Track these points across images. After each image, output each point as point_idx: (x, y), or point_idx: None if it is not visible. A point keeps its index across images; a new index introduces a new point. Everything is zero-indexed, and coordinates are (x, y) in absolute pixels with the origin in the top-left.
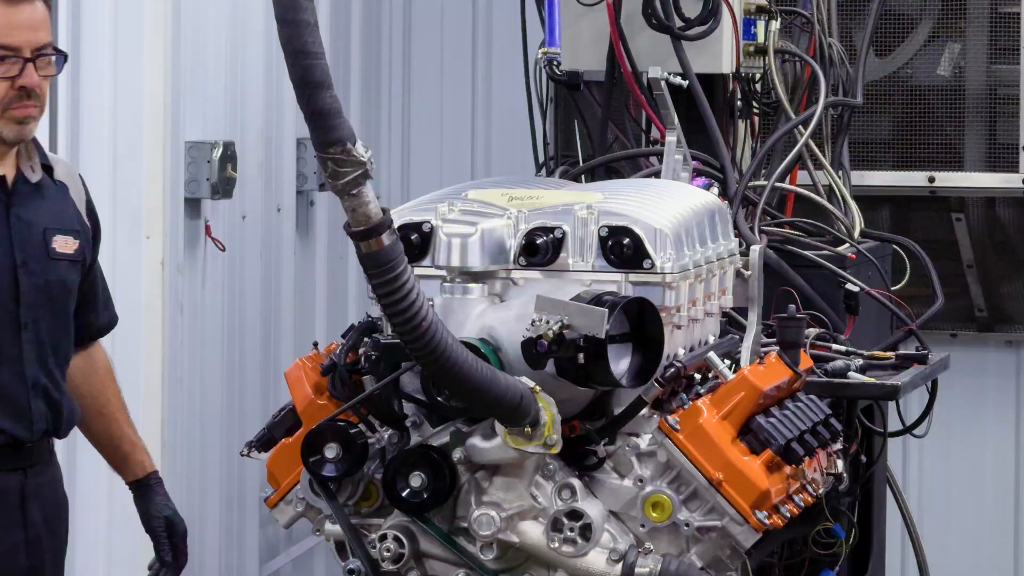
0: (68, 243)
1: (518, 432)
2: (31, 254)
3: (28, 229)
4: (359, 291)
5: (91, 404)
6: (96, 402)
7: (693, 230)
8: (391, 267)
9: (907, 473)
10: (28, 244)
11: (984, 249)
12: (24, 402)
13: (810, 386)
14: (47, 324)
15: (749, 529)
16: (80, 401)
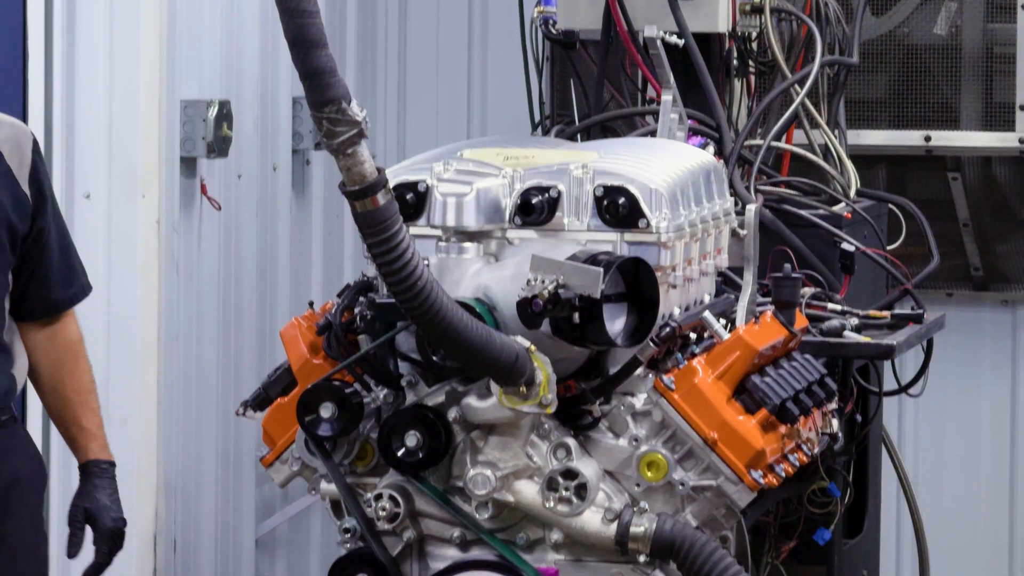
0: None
1: (513, 392)
2: None
3: None
4: (355, 250)
5: (47, 381)
6: (52, 379)
7: (689, 189)
8: (386, 226)
9: (902, 432)
10: None
11: (980, 208)
12: None
13: (805, 345)
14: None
15: (744, 488)
16: (38, 377)
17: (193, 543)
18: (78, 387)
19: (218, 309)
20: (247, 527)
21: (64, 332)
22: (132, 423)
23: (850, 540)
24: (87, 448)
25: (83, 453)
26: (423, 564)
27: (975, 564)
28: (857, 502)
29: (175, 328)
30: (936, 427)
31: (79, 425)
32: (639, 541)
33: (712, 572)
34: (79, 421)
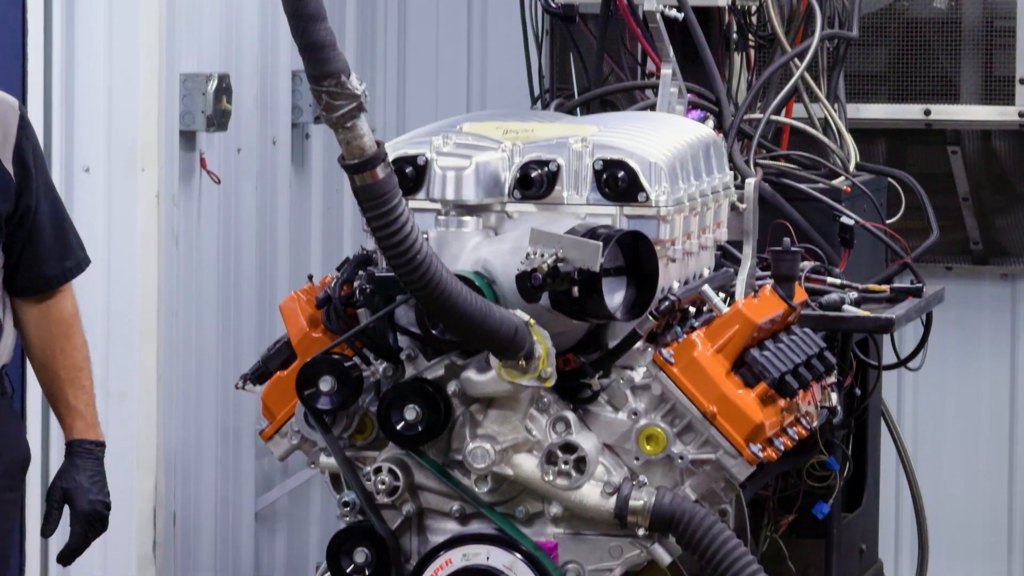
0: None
1: (512, 365)
2: None
3: None
4: (355, 224)
5: (38, 356)
6: (43, 355)
7: (688, 163)
8: (385, 200)
9: (902, 406)
10: None
11: (980, 182)
12: None
13: (804, 319)
14: None
15: (743, 462)
16: (30, 353)
17: (193, 517)
18: (68, 364)
19: (218, 283)
20: (246, 501)
21: (58, 308)
22: (131, 397)
23: (849, 514)
24: (73, 427)
25: (69, 431)
26: (422, 538)
27: (974, 537)
28: (856, 476)
29: (174, 302)
30: (935, 401)
31: (67, 403)
32: (638, 515)
33: (711, 545)
34: (67, 399)
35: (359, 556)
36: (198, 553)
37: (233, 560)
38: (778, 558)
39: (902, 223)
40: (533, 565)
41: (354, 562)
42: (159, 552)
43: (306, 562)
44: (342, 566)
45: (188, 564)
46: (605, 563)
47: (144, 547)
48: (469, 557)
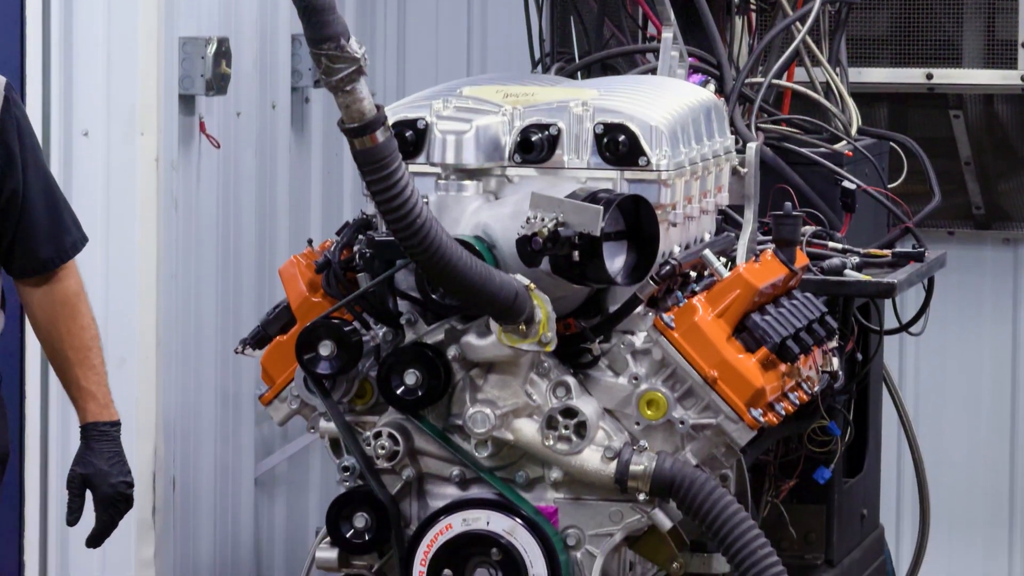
0: None
1: (513, 330)
2: None
3: None
4: (354, 189)
5: (45, 339)
6: (50, 337)
7: (689, 127)
8: (385, 164)
9: (903, 371)
10: None
11: (982, 146)
12: None
13: (806, 284)
14: None
15: (744, 427)
16: (39, 335)
17: (192, 482)
18: (76, 344)
19: (217, 247)
20: (246, 466)
21: (61, 289)
22: (131, 362)
23: (850, 479)
24: (86, 409)
25: (82, 414)
26: (422, 502)
27: (975, 503)
28: (857, 441)
29: (174, 266)
30: (937, 366)
31: (78, 385)
32: (638, 479)
33: (712, 510)
34: (78, 380)
35: (359, 521)
36: (197, 518)
37: (232, 525)
38: (779, 523)
39: (904, 187)
40: (533, 530)
41: (354, 527)
42: (158, 517)
43: (306, 527)
44: (342, 531)
45: (187, 529)
46: (605, 528)
47: (143, 512)
48: (469, 522)
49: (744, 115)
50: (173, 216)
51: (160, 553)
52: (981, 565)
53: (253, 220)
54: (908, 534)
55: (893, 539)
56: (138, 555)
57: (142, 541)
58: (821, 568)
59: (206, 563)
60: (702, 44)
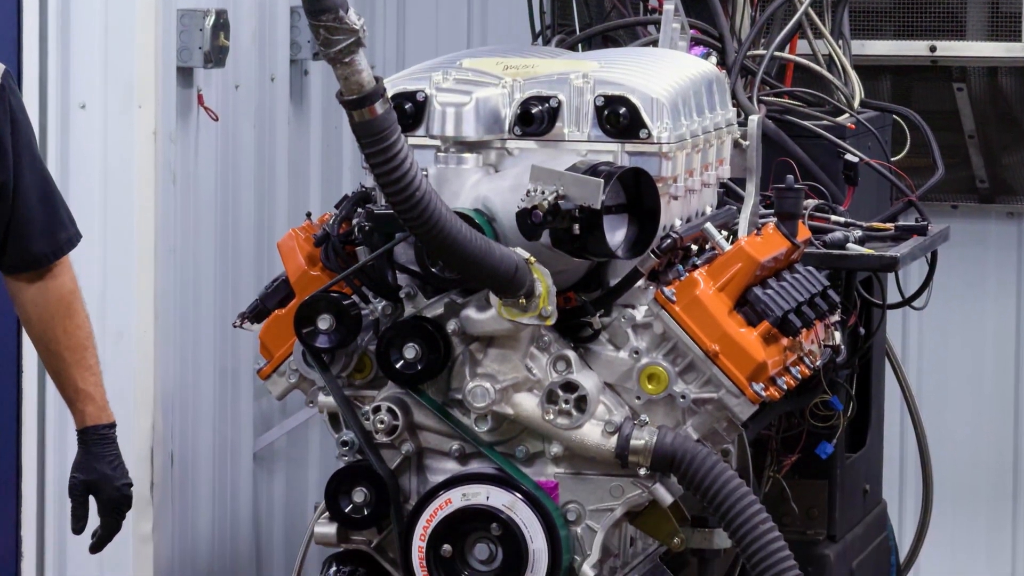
0: None
1: (513, 303)
2: None
3: None
4: (354, 162)
5: (39, 338)
6: (44, 336)
7: (690, 99)
8: (384, 136)
9: (906, 346)
10: None
11: (986, 119)
12: None
13: (808, 257)
14: None
15: (746, 401)
16: (32, 334)
17: (190, 457)
18: (72, 344)
19: (215, 221)
20: (245, 441)
21: (55, 285)
22: (128, 336)
23: (852, 454)
24: (84, 412)
25: (80, 417)
26: (421, 477)
27: (979, 478)
28: (860, 416)
29: (171, 240)
30: (940, 340)
31: (75, 387)
32: (639, 454)
33: (713, 485)
34: (75, 382)
35: (358, 496)
36: (196, 494)
37: (231, 501)
38: (781, 498)
39: (907, 161)
40: (533, 505)
41: (353, 502)
42: (156, 493)
43: (305, 503)
44: (340, 506)
45: (185, 505)
46: (606, 503)
47: (141, 487)
48: (469, 497)
49: (746, 87)
50: (171, 189)
51: (158, 528)
52: (984, 540)
53: (252, 193)
54: (911, 509)
55: (896, 515)
56: (136, 531)
57: (140, 517)
58: (823, 544)
59: (204, 539)
60: (704, 16)
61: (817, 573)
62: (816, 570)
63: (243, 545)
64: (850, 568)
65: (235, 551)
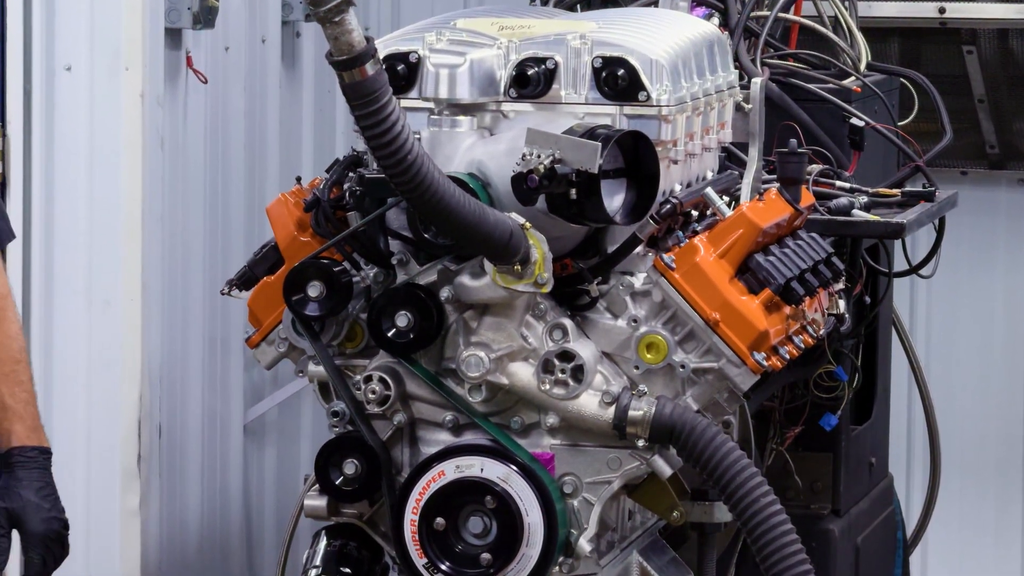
0: None
1: (508, 270)
2: None
3: None
4: (346, 125)
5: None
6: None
7: (691, 61)
8: (375, 98)
9: (914, 315)
10: None
11: (996, 83)
12: None
13: (812, 224)
14: None
15: (747, 371)
16: None
17: (179, 429)
18: (3, 356)
19: (204, 186)
20: (235, 413)
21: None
22: (115, 304)
23: (858, 426)
24: (10, 432)
25: (5, 438)
26: (414, 449)
27: (987, 451)
28: (865, 387)
29: (159, 206)
30: (948, 309)
31: (1, 403)
32: (637, 425)
33: (713, 458)
34: (1, 398)
35: (349, 468)
36: (184, 467)
37: (221, 474)
38: (784, 472)
39: (915, 125)
40: (529, 477)
41: (343, 474)
42: (144, 465)
43: (296, 477)
44: (331, 478)
45: (174, 478)
46: (603, 475)
47: (128, 460)
48: (462, 469)
49: (749, 50)
50: (159, 154)
51: (146, 503)
52: (993, 515)
53: (242, 158)
54: (918, 483)
55: (903, 488)
56: (123, 505)
57: (127, 490)
58: (828, 518)
59: (193, 513)
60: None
61: (821, 548)
62: (820, 545)
63: (233, 519)
64: (855, 544)
65: (225, 525)
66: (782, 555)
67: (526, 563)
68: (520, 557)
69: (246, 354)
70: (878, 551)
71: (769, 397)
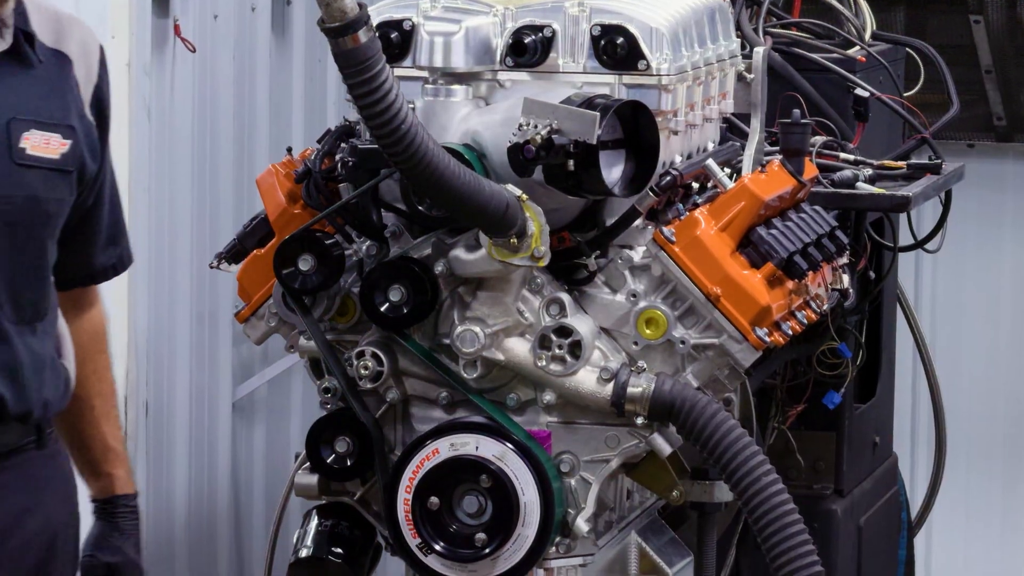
0: (50, 143)
1: (503, 243)
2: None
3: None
4: (338, 96)
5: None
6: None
7: (692, 29)
8: (368, 66)
9: (919, 291)
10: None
11: (1004, 53)
12: None
13: (815, 197)
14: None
15: (748, 347)
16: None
17: (166, 406)
18: (105, 391)
19: (192, 157)
20: (223, 390)
21: (95, 313)
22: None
23: (862, 404)
24: (112, 476)
25: (107, 483)
26: (407, 426)
27: (994, 430)
28: (870, 364)
29: (145, 178)
30: (955, 285)
31: (103, 444)
32: (636, 402)
33: (714, 436)
34: (104, 439)
35: (340, 445)
36: (172, 445)
37: (209, 452)
38: (786, 451)
39: (920, 97)
40: (525, 455)
41: (335, 452)
42: (130, 443)
43: (287, 455)
44: (322, 456)
45: (161, 456)
46: (601, 453)
47: None
48: (457, 447)
49: (751, 18)
50: (146, 124)
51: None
52: (1000, 495)
53: (231, 128)
54: (923, 462)
55: (907, 468)
56: None
57: None
58: (830, 498)
59: (181, 491)
60: None
61: (823, 529)
62: (822, 526)
63: (221, 498)
64: (858, 524)
65: (213, 505)
66: (784, 535)
67: (522, 543)
68: (516, 537)
69: (235, 329)
70: (882, 532)
71: (771, 374)
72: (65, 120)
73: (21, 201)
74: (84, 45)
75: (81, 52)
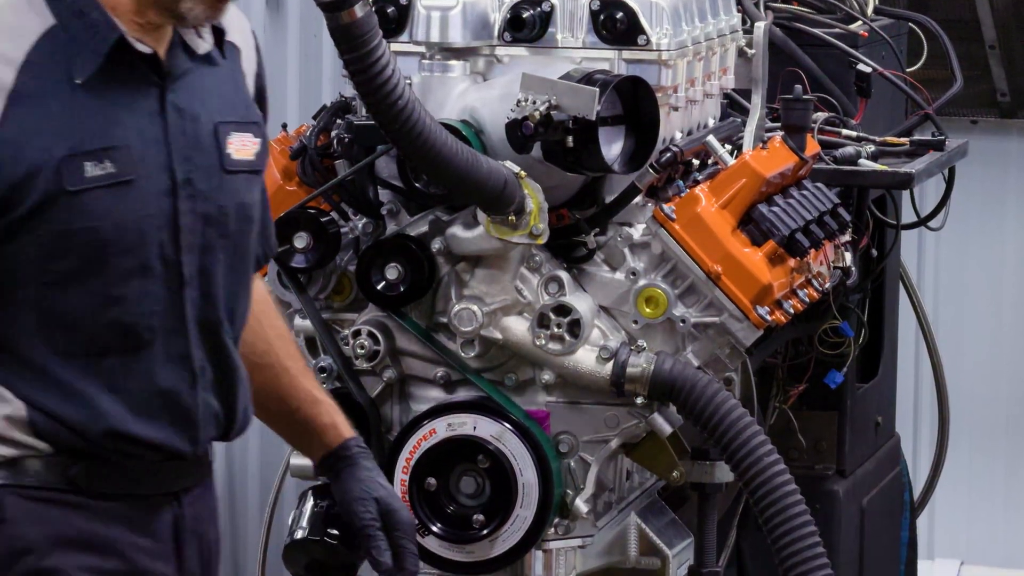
0: (247, 144)
1: (502, 221)
2: (197, 165)
3: (193, 126)
4: (334, 71)
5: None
6: (253, 350)
7: (692, 4)
8: (364, 41)
9: (922, 269)
10: (193, 150)
11: (1008, 29)
12: (189, 400)
13: (817, 173)
14: (221, 275)
15: (749, 325)
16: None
17: None
18: (292, 351)
19: None
20: None
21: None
22: None
23: (864, 384)
24: (336, 424)
25: (333, 433)
26: (404, 406)
27: (998, 410)
28: (872, 343)
29: None
30: (958, 263)
31: (312, 398)
32: (636, 382)
33: (715, 415)
34: (310, 393)
35: None
36: None
37: None
38: (787, 430)
39: (923, 72)
40: (523, 435)
41: None
42: None
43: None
44: None
45: None
46: (601, 433)
47: None
48: (454, 427)
49: None
50: None
51: None
52: (1003, 476)
53: None
54: (926, 443)
55: (910, 448)
56: None
57: None
58: (832, 479)
59: None
60: None
61: (825, 510)
62: (824, 507)
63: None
64: (860, 505)
65: None
66: (786, 516)
67: (520, 524)
68: (514, 518)
69: None
70: (884, 513)
71: (772, 353)
72: (252, 117)
73: (233, 210)
74: (244, 32)
75: (243, 40)
